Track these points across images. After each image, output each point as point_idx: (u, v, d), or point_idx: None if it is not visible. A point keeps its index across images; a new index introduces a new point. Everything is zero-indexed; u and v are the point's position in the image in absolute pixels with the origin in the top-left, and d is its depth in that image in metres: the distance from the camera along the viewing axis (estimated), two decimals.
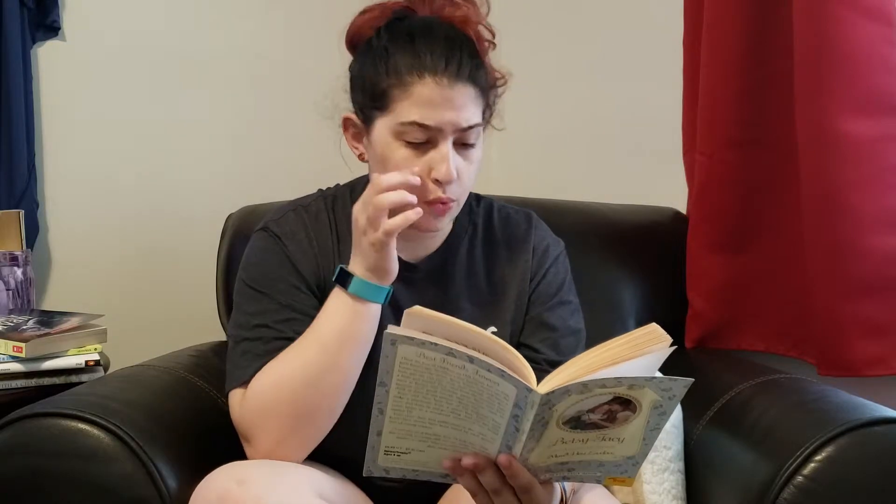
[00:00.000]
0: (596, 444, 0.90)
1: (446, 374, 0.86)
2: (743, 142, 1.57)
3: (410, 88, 1.08)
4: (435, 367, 0.85)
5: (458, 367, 0.85)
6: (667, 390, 0.86)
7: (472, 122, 1.10)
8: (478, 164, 1.15)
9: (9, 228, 1.73)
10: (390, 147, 1.11)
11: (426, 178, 1.10)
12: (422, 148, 1.10)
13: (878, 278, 1.40)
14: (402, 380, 0.87)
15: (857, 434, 1.08)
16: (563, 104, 2.12)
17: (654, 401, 0.87)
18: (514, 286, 1.24)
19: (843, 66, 1.38)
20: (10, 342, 1.48)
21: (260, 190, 1.73)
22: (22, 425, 1.09)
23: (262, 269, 1.19)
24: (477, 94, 1.11)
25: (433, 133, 1.09)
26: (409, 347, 0.84)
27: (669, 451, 1.32)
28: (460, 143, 1.11)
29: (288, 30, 2.08)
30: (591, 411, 0.87)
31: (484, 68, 1.14)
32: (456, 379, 0.86)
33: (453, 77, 1.08)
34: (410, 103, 1.09)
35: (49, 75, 1.91)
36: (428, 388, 0.87)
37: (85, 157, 1.95)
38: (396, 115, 1.10)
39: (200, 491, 1.01)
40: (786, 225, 1.55)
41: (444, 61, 1.08)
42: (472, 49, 1.13)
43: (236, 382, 1.13)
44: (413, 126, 1.09)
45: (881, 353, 1.41)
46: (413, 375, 0.86)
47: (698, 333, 1.65)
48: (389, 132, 1.11)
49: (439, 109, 1.08)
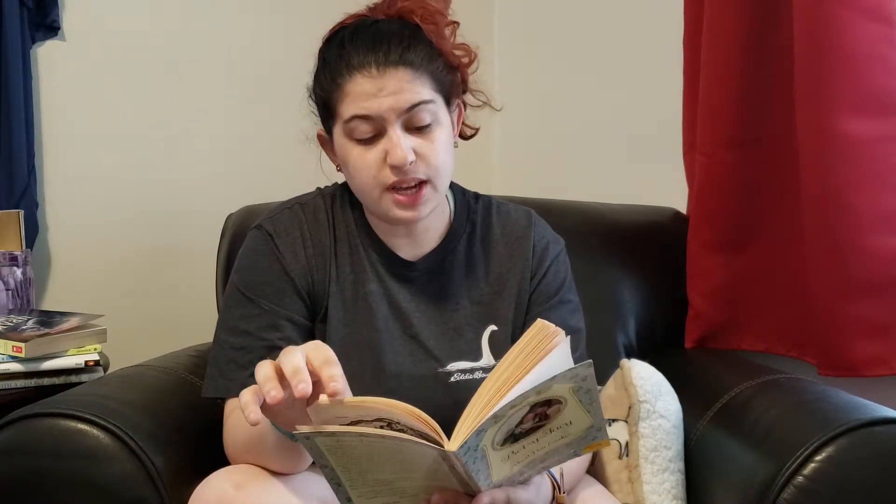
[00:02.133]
0: (546, 437, 0.90)
1: (374, 447, 0.86)
2: (743, 142, 1.57)
3: (345, 88, 1.11)
4: (361, 443, 0.85)
5: (376, 441, 0.85)
6: (575, 377, 0.85)
7: (414, 100, 1.10)
8: (445, 143, 1.14)
9: (9, 228, 1.73)
10: (346, 149, 1.13)
11: (385, 166, 1.10)
12: (373, 142, 1.11)
13: (878, 278, 1.40)
14: (339, 459, 0.87)
15: (857, 434, 1.08)
16: (564, 104, 2.12)
17: (571, 388, 0.86)
18: (513, 284, 1.23)
19: (843, 66, 1.38)
20: (10, 342, 1.48)
21: (260, 190, 1.73)
22: (22, 425, 1.09)
23: (252, 272, 1.19)
24: (414, 73, 1.10)
25: (378, 123, 1.10)
26: (325, 438, 0.85)
27: (669, 451, 1.32)
28: (414, 127, 1.11)
29: (288, 30, 2.07)
30: (519, 424, 0.87)
31: (425, 48, 1.13)
32: (384, 449, 0.86)
33: (381, 65, 1.09)
34: (347, 102, 1.10)
35: (49, 75, 1.91)
36: (366, 458, 0.87)
37: (85, 157, 1.95)
38: (341, 117, 1.12)
39: (198, 494, 1.01)
40: (786, 225, 1.55)
41: (370, 54, 1.10)
42: (404, 35, 1.12)
43: (222, 393, 1.15)
44: (355, 121, 1.10)
45: (881, 353, 1.41)
46: (346, 454, 0.87)
47: (698, 333, 1.65)
48: (342, 135, 1.13)
49: (373, 99, 1.09)
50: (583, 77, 2.08)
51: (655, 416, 1.32)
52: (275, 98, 2.05)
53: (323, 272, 1.19)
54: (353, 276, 1.20)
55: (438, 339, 1.20)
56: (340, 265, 1.21)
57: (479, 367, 1.20)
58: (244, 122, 2.06)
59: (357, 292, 1.20)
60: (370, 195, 1.14)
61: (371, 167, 1.11)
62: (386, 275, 1.21)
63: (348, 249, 1.21)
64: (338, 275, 1.20)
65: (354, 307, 1.20)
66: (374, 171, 1.11)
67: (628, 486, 1.29)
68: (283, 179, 1.94)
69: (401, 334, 1.20)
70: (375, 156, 1.11)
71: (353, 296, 1.20)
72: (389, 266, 1.21)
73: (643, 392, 1.33)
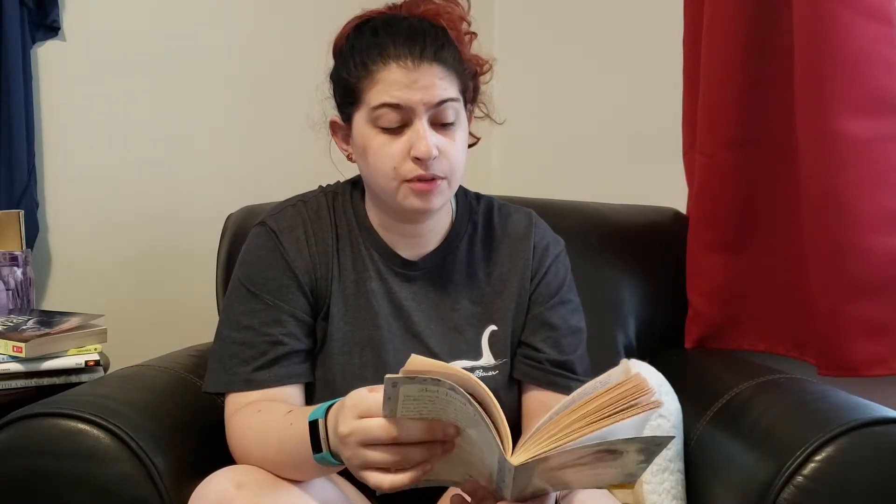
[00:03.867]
0: (587, 471, 0.90)
1: (450, 405, 0.86)
2: (743, 142, 1.57)
3: (377, 76, 1.11)
4: (439, 398, 0.85)
5: (461, 402, 0.85)
6: (649, 443, 0.86)
7: (444, 97, 1.11)
8: (462, 144, 1.16)
9: (9, 228, 1.73)
10: (368, 136, 1.13)
11: (407, 159, 1.11)
12: (398, 132, 1.11)
13: (878, 278, 1.40)
14: (406, 411, 0.87)
15: (857, 434, 1.08)
16: (564, 104, 2.12)
17: (639, 449, 0.86)
18: (514, 285, 1.24)
19: (843, 66, 1.38)
20: (10, 342, 1.48)
21: (260, 190, 1.73)
22: (22, 425, 1.09)
23: (256, 268, 1.19)
24: (446, 72, 1.12)
25: (406, 114, 1.10)
26: (411, 386, 0.85)
27: (669, 451, 1.32)
28: (438, 123, 1.12)
29: (288, 30, 2.08)
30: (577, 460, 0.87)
31: (454, 50, 1.15)
32: (460, 409, 0.86)
33: (417, 59, 1.10)
34: (379, 89, 1.11)
35: (49, 75, 1.91)
36: (433, 414, 0.87)
37: (85, 157, 1.95)
38: (368, 103, 1.12)
39: (199, 494, 1.01)
40: (786, 225, 1.55)
41: (406, 47, 1.11)
42: (438, 34, 1.14)
43: (224, 388, 1.16)
44: (384, 108, 1.10)
45: (881, 353, 1.41)
46: (417, 406, 0.87)
47: (698, 333, 1.65)
48: (365, 122, 1.13)
49: (407, 90, 1.10)
50: (583, 77, 2.08)
51: (655, 417, 1.32)
52: (275, 98, 2.06)
53: (325, 270, 1.19)
54: (354, 274, 1.21)
55: (439, 338, 1.21)
56: (342, 263, 1.21)
57: (480, 366, 1.21)
58: (244, 122, 2.06)
59: (359, 290, 1.20)
60: (387, 185, 1.14)
61: (394, 157, 1.11)
62: (387, 273, 1.21)
63: (350, 248, 1.22)
64: (340, 273, 1.20)
65: (356, 305, 1.20)
66: (396, 162, 1.11)
67: (628, 486, 1.29)
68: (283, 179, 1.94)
69: (402, 333, 1.20)
70: (399, 147, 1.11)
71: (354, 294, 1.20)
72: (391, 265, 1.21)
73: None
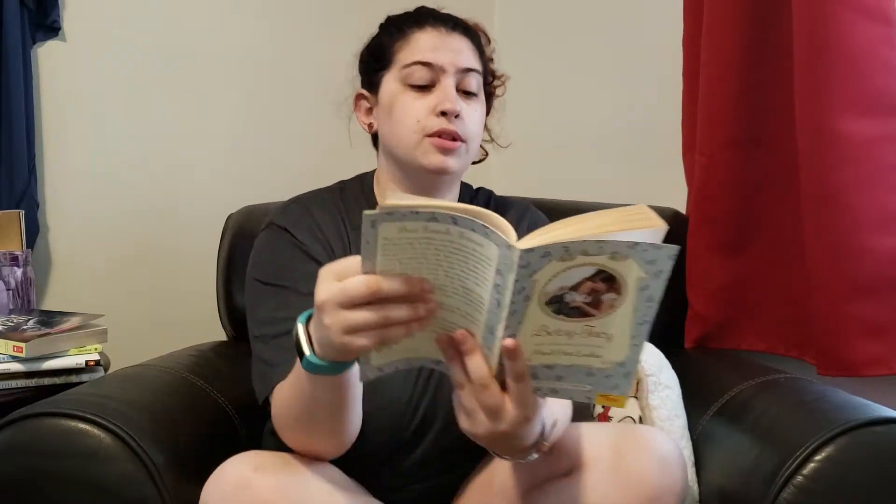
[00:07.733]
0: (582, 339, 0.86)
1: (430, 245, 0.83)
2: (743, 142, 1.57)
3: (411, 37, 1.20)
4: (418, 239, 0.82)
5: (441, 232, 0.82)
6: (651, 263, 0.81)
7: (471, 65, 1.21)
8: (480, 118, 1.22)
9: (9, 228, 1.73)
10: (396, 93, 1.20)
11: (432, 114, 1.17)
12: (425, 90, 1.19)
13: (878, 278, 1.40)
14: (385, 263, 0.84)
15: (857, 434, 1.08)
16: (564, 105, 2.12)
17: (638, 279, 0.82)
18: None
19: (843, 66, 1.38)
20: (11, 342, 1.48)
21: (260, 190, 1.73)
22: (22, 425, 1.09)
23: (274, 263, 1.18)
24: (473, 49, 1.22)
25: (435, 73, 1.18)
26: (390, 225, 0.81)
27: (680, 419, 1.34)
28: (462, 91, 1.20)
29: (288, 30, 2.08)
30: (574, 289, 0.82)
31: (480, 42, 1.24)
32: (441, 247, 0.83)
33: (450, 27, 1.22)
34: (411, 49, 1.20)
35: (49, 75, 1.91)
36: (413, 265, 0.84)
37: (85, 157, 1.95)
38: (400, 62, 1.20)
39: (216, 476, 1.00)
40: (786, 225, 1.55)
41: (441, 20, 1.22)
42: (469, 26, 1.25)
43: (278, 380, 1.08)
44: (416, 66, 1.18)
45: (881, 353, 1.41)
46: (397, 255, 0.83)
47: (698, 333, 1.65)
48: (395, 80, 1.20)
49: (439, 51, 1.19)
50: (583, 77, 2.08)
51: (662, 388, 1.34)
52: (275, 98, 2.05)
53: (343, 252, 1.19)
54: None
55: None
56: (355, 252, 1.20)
57: None
58: (244, 123, 2.06)
59: None
60: (409, 140, 1.18)
61: (419, 111, 1.18)
62: None
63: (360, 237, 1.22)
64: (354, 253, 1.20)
65: None
66: (420, 116, 1.17)
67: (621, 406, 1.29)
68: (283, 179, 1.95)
69: None
70: (425, 103, 1.18)
71: None
72: None
73: (648, 366, 1.35)
